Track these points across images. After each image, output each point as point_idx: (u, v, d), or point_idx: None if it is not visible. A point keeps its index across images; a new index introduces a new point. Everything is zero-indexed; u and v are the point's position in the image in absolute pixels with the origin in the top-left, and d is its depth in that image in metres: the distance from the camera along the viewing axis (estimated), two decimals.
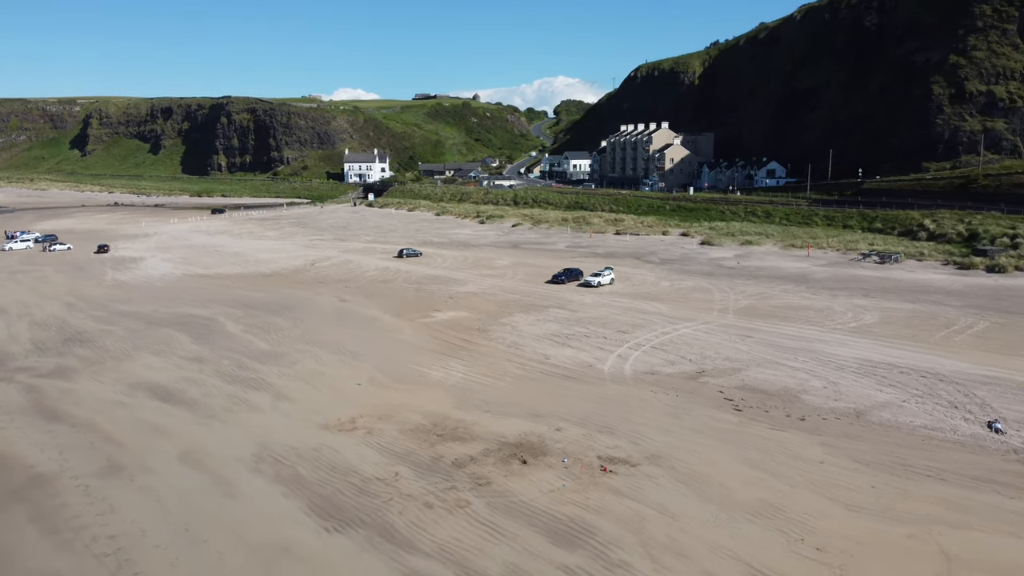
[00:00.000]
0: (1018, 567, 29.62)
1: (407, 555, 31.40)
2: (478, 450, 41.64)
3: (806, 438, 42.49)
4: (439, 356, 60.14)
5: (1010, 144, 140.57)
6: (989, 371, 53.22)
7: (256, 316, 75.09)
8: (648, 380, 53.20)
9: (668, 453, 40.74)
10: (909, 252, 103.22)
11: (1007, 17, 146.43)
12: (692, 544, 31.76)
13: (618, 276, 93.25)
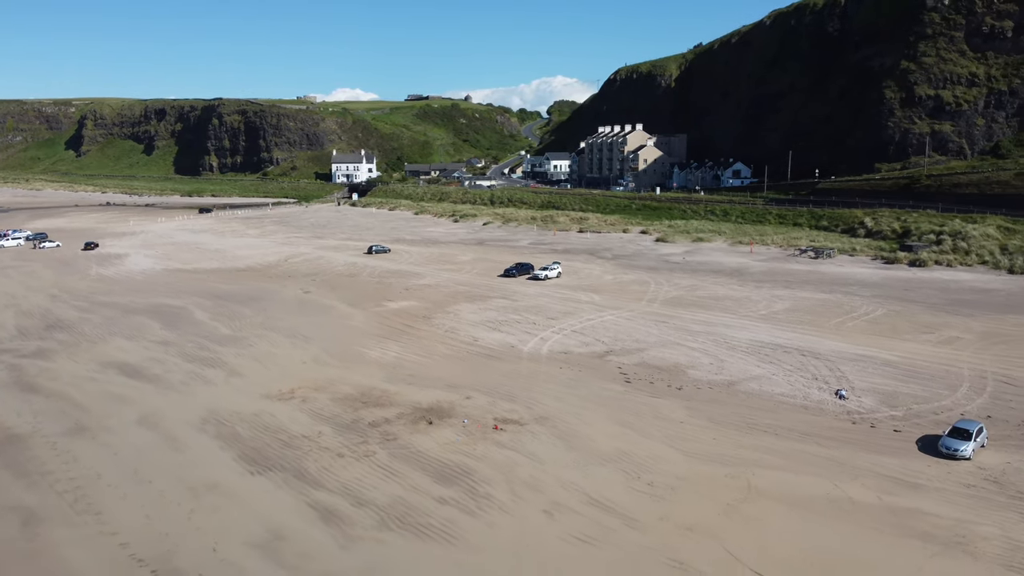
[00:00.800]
0: (806, 497, 36.44)
1: (313, 490, 38.23)
2: (394, 414, 48.48)
3: (676, 403, 49.36)
4: (380, 339, 66.98)
5: (956, 146, 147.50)
6: (862, 351, 60.13)
7: (224, 306, 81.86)
8: (559, 359, 60.07)
9: (554, 415, 47.58)
10: (843, 248, 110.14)
11: (955, 25, 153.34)
12: (549, 481, 38.62)
13: (567, 270, 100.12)
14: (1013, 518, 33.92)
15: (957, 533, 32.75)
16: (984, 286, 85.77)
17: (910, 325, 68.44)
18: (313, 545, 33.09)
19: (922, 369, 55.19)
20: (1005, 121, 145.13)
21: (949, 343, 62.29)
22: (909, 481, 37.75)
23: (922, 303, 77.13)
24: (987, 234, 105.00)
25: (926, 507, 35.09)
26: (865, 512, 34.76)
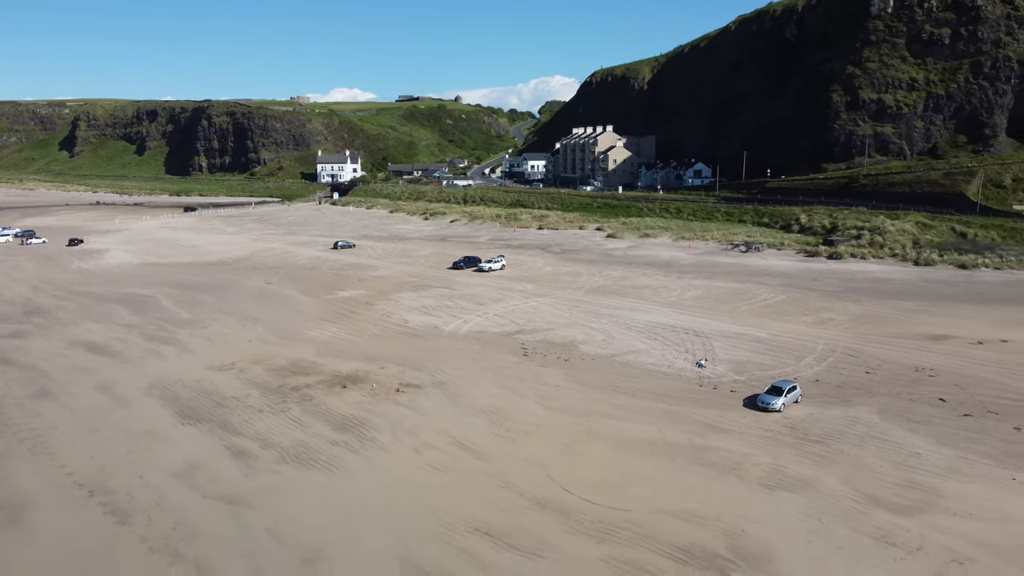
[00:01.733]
0: (631, 439, 44.47)
1: (231, 436, 46.26)
2: (315, 380, 56.51)
3: (558, 372, 57.43)
4: (322, 322, 74.99)
5: (896, 147, 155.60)
6: (741, 330, 68.25)
7: (189, 295, 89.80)
8: (473, 337, 68.13)
9: (451, 381, 55.63)
10: (773, 243, 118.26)
11: (897, 32, 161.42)
12: (426, 429, 46.68)
13: (514, 263, 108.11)
14: (788, 452, 42.02)
15: (736, 463, 40.85)
16: (884, 276, 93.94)
17: (797, 309, 76.58)
18: (221, 474, 41.13)
19: (784, 344, 63.34)
20: (943, 123, 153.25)
21: (822, 323, 70.41)
22: (720, 427, 45.83)
23: (820, 291, 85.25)
24: (904, 229, 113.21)
25: (723, 445, 43.18)
26: (673, 449, 42.84)
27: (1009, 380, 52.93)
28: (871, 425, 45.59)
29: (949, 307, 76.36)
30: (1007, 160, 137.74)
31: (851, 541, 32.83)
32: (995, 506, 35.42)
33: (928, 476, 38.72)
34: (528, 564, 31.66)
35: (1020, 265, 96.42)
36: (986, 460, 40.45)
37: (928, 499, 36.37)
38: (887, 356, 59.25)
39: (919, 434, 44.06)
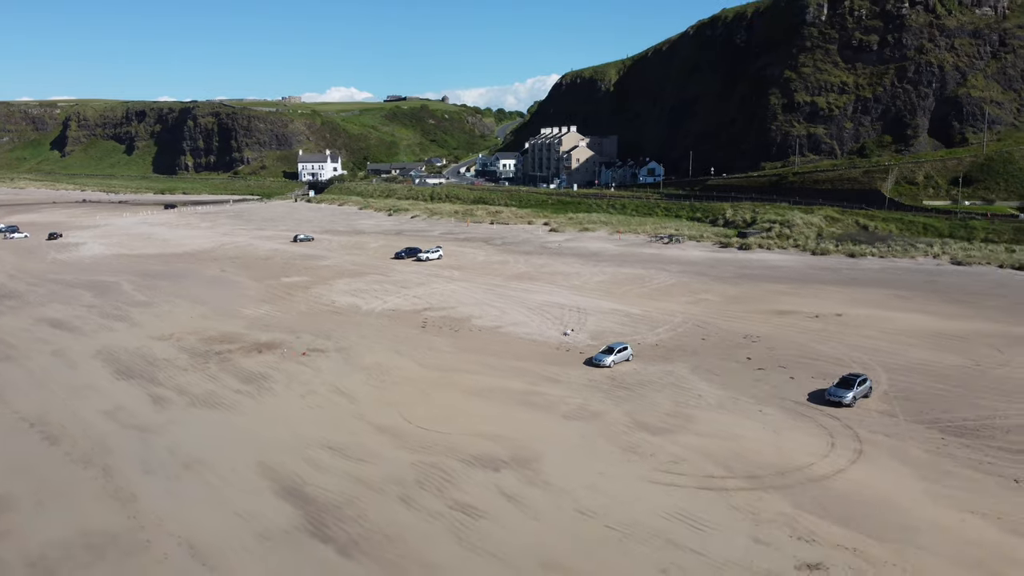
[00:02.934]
0: (480, 388, 54.53)
1: (154, 387, 56.35)
2: (237, 347, 66.62)
3: (445, 340, 67.59)
4: (260, 302, 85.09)
5: (828, 147, 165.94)
6: (620, 307, 78.47)
7: (149, 281, 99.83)
8: (386, 314, 78.28)
9: (351, 347, 65.77)
10: (695, 235, 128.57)
11: (829, 39, 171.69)
12: (316, 382, 56.79)
13: (453, 254, 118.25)
14: (597, 395, 52.20)
15: (552, 403, 51.02)
16: (777, 264, 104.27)
17: (681, 291, 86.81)
18: (139, 412, 51.22)
19: (648, 318, 73.56)
20: (870, 124, 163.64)
21: (695, 303, 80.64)
22: (555, 379, 55.99)
23: (711, 276, 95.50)
24: (811, 223, 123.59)
25: (549, 391, 53.33)
26: (508, 394, 52.99)
27: (815, 344, 63.21)
28: (678, 377, 55.81)
29: (815, 288, 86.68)
30: (920, 159, 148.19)
31: (604, 450, 43.04)
32: (731, 430, 45.59)
33: (695, 410, 48.93)
34: (354, 466, 41.80)
35: (902, 253, 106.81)
36: (749, 399, 50.67)
37: (683, 424, 46.57)
38: (728, 327, 69.52)
39: (710, 382, 54.29)
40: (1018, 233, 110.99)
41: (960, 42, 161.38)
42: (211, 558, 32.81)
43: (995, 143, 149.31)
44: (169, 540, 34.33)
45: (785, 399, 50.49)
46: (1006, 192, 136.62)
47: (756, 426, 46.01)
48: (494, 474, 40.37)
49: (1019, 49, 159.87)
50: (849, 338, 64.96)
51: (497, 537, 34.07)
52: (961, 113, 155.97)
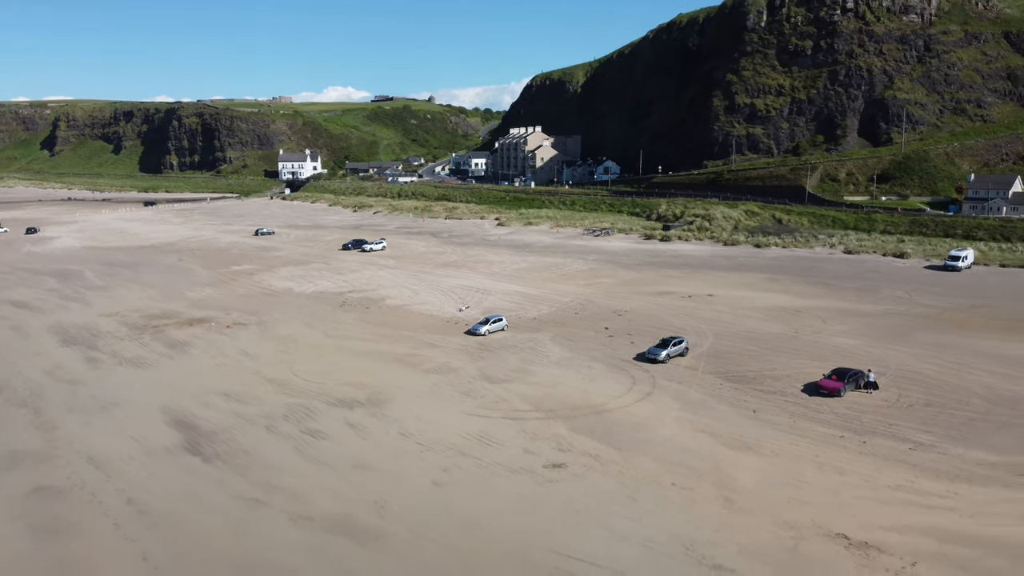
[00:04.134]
0: (368, 351, 64.25)
1: (92, 352, 66.03)
2: (173, 322, 76.29)
3: (355, 316, 77.34)
4: (205, 287, 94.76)
5: (766, 146, 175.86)
6: (521, 289, 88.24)
7: (110, 269, 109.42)
8: (313, 296, 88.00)
9: (271, 322, 75.46)
10: (626, 228, 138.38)
11: (768, 44, 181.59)
12: (230, 348, 66.48)
13: (397, 245, 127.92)
14: (462, 357, 61.93)
15: (421, 361, 60.75)
16: (686, 253, 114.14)
17: (584, 276, 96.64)
18: (74, 370, 60.89)
19: (541, 298, 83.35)
20: (804, 125, 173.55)
21: (591, 285, 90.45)
22: (434, 345, 65.73)
23: (619, 264, 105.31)
24: (730, 216, 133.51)
25: (424, 353, 63.08)
26: (389, 355, 62.72)
27: (670, 317, 73.05)
28: (537, 343, 65.62)
29: (705, 274, 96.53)
30: (844, 158, 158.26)
31: (445, 394, 52.82)
32: (556, 380, 55.38)
33: (535, 366, 58.75)
34: (238, 406, 51.53)
35: (803, 244, 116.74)
36: (585, 358, 60.49)
37: (519, 376, 56.39)
38: (607, 304, 79.35)
39: (561, 346, 64.11)
40: (913, 225, 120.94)
41: (888, 47, 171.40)
42: (103, 465, 42.53)
43: (917, 142, 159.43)
44: (75, 454, 44.06)
45: (615, 358, 60.32)
46: (920, 188, 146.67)
47: (578, 377, 55.84)
48: (347, 411, 50.14)
49: (943, 54, 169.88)
50: (702, 312, 74.86)
51: (329, 451, 43.87)
52: (887, 114, 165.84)
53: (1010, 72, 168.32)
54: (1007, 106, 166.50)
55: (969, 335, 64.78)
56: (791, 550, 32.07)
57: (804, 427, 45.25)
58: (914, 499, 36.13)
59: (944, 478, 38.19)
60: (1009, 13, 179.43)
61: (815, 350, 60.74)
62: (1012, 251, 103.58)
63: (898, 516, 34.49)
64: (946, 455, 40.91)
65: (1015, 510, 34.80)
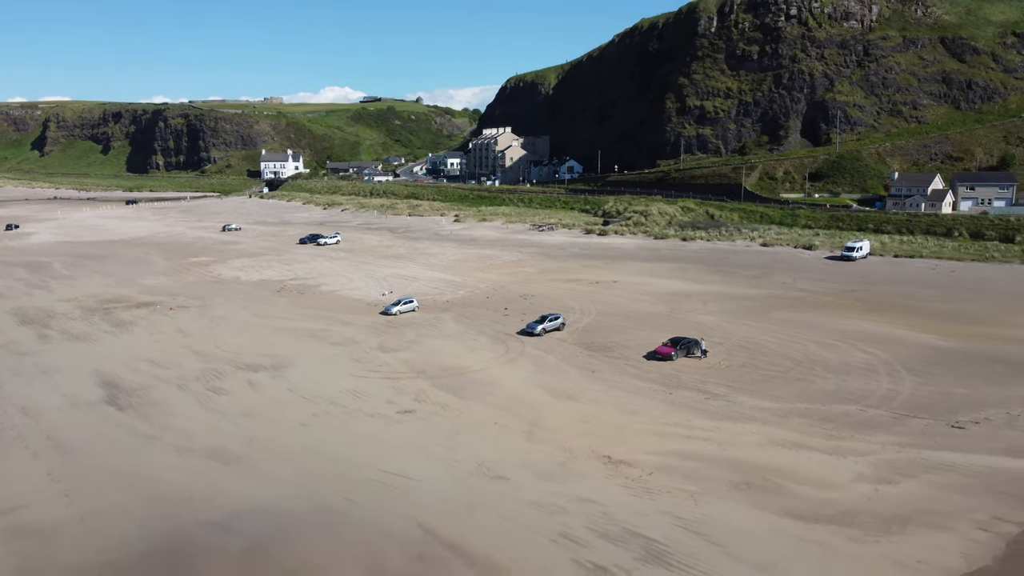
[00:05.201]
0: (284, 328, 72.56)
1: (46, 330, 74.31)
2: (123, 305, 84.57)
3: (288, 299, 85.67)
4: (159, 275, 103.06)
5: (714, 146, 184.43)
6: (448, 277, 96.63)
7: (78, 261, 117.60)
8: (257, 283, 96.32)
9: (211, 305, 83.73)
10: (570, 224, 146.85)
11: (717, 48, 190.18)
12: (169, 326, 74.76)
13: (352, 239, 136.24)
14: (368, 332, 70.27)
15: (330, 335, 69.09)
16: (615, 246, 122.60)
17: (512, 266, 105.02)
18: (26, 344, 69.14)
19: (462, 284, 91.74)
20: (751, 126, 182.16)
21: (513, 273, 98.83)
22: (347, 323, 74.07)
23: (549, 256, 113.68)
24: (666, 212, 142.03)
25: (336, 329, 71.42)
26: (304, 331, 71.04)
27: (568, 299, 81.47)
28: (440, 320, 73.98)
29: (624, 264, 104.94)
30: (782, 157, 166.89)
31: (340, 361, 61.16)
32: (440, 350, 63.74)
33: (427, 339, 67.13)
34: (160, 370, 59.82)
35: (727, 238, 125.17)
36: (474, 333, 68.87)
37: (410, 347, 64.75)
38: (518, 289, 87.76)
39: (459, 323, 72.51)
40: (832, 220, 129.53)
41: (829, 52, 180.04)
42: (33, 414, 50.83)
43: (854, 142, 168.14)
44: (11, 406, 52.32)
45: (501, 332, 68.75)
46: (851, 186, 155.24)
47: (460, 347, 64.29)
48: (252, 374, 58.51)
49: (881, 58, 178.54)
50: (600, 296, 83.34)
51: (225, 403, 52.24)
52: (827, 116, 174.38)
53: (945, 76, 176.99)
54: (941, 108, 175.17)
55: (822, 314, 73.30)
56: (560, 464, 40.52)
57: (626, 383, 53.72)
58: (682, 433, 44.58)
59: (716, 418, 46.67)
60: (946, 19, 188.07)
61: (678, 326, 69.12)
62: (911, 243, 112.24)
63: (661, 444, 42.96)
64: (731, 403, 49.39)
65: (754, 440, 43.26)
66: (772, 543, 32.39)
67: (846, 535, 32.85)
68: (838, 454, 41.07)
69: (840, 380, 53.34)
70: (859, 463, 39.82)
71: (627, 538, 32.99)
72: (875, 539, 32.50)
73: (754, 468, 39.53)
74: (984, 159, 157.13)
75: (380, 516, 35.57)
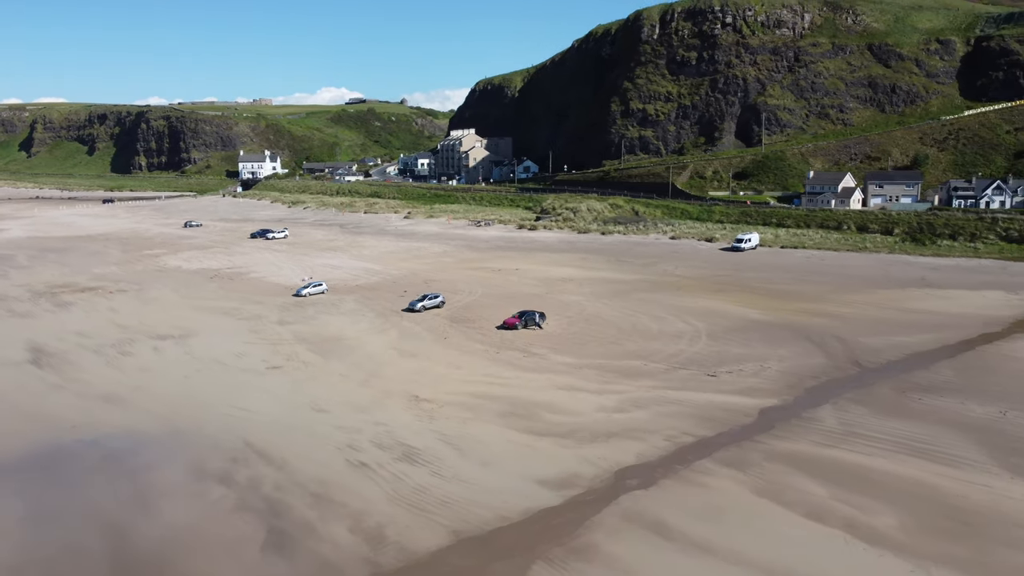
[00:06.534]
0: (206, 307, 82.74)
1: (5, 312, 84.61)
2: (69, 289, 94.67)
3: (217, 285, 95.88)
4: (111, 265, 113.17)
5: (655, 147, 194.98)
6: (370, 266, 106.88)
7: (41, 253, 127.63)
8: (196, 272, 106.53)
9: (147, 290, 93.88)
10: (504, 220, 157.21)
11: (659, 55, 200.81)
12: (103, 306, 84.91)
13: (301, 234, 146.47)
14: (275, 311, 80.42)
15: (240, 312, 79.30)
16: (538, 239, 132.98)
17: (434, 256, 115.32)
18: None
19: (380, 272, 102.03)
20: (689, 128, 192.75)
21: (432, 263, 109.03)
22: (259, 303, 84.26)
23: (472, 248, 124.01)
24: (594, 208, 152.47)
25: (247, 308, 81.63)
26: (218, 310, 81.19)
27: (463, 284, 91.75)
28: (341, 301, 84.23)
29: (536, 254, 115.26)
30: (712, 157, 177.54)
31: (239, 333, 71.34)
32: (329, 323, 73.96)
33: (323, 316, 77.33)
34: (84, 339, 69.87)
35: (643, 232, 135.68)
36: (367, 311, 79.11)
37: (305, 322, 74.94)
38: (425, 276, 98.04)
39: (357, 303, 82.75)
40: (742, 215, 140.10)
41: (761, 58, 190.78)
42: None
43: (783, 143, 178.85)
44: None
45: (388, 310, 79.05)
46: (774, 184, 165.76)
47: (346, 321, 74.62)
48: (160, 341, 68.74)
49: (810, 64, 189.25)
50: (495, 280, 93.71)
51: (129, 363, 62.48)
52: (759, 118, 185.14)
53: (871, 80, 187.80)
54: (867, 111, 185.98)
55: (676, 294, 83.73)
56: (375, 402, 50.89)
57: (467, 346, 64.12)
58: (487, 381, 54.97)
59: (521, 370, 57.07)
60: (875, 27, 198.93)
61: (544, 303, 79.33)
62: (802, 236, 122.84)
63: (464, 388, 53.32)
64: (542, 360, 59.80)
65: (541, 384, 53.65)
66: (500, 449, 42.78)
67: (559, 444, 43.26)
68: (599, 394, 51.49)
69: (646, 343, 63.81)
70: (609, 399, 50.24)
71: (394, 447, 43.37)
72: (579, 446, 42.91)
73: (525, 404, 49.91)
74: (900, 159, 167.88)
75: (217, 435, 45.88)
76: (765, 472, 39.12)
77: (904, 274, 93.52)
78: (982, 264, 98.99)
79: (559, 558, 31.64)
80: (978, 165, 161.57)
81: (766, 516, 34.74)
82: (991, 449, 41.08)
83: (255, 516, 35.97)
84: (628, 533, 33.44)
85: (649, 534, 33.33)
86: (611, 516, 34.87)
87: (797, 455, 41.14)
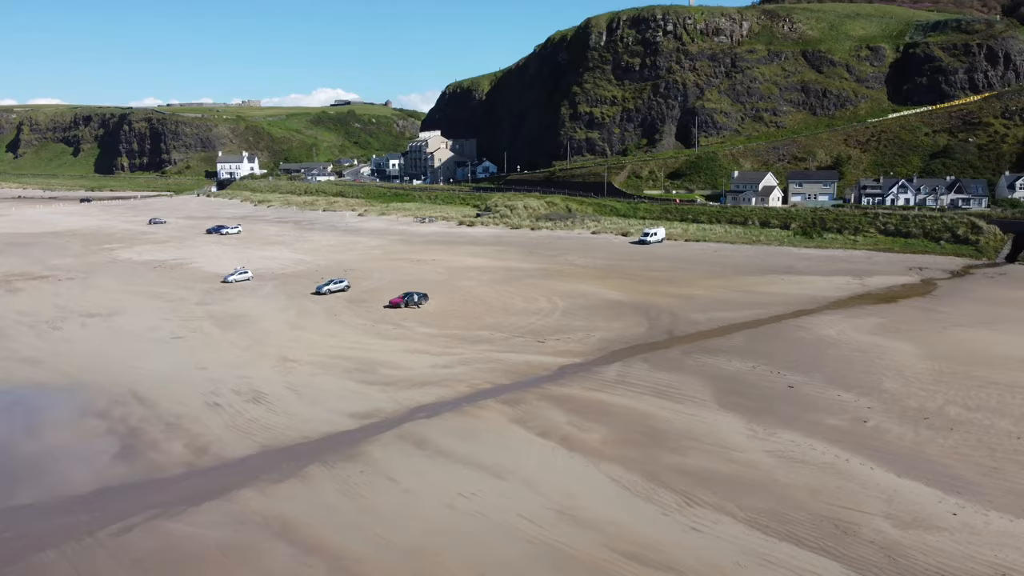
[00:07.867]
0: (141, 292, 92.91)
1: None
2: (24, 278, 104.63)
3: (157, 274, 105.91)
4: (68, 257, 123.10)
5: (601, 148, 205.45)
6: (304, 257, 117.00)
7: (7, 248, 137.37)
8: (143, 263, 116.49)
9: (93, 278, 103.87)
10: (447, 217, 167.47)
11: (605, 60, 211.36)
12: (49, 291, 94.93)
13: (255, 230, 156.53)
14: (200, 294, 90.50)
15: (166, 296, 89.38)
16: (470, 234, 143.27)
17: (366, 249, 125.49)
18: None
19: (309, 262, 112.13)
20: (632, 130, 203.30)
21: (361, 255, 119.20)
22: (188, 288, 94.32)
23: (406, 242, 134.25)
24: (530, 206, 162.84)
25: (175, 292, 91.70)
26: (150, 294, 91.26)
27: (377, 272, 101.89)
28: (261, 287, 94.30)
29: (460, 247, 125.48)
30: (650, 158, 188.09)
31: (160, 312, 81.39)
32: (244, 305, 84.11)
33: (241, 299, 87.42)
34: (23, 317, 79.86)
35: (570, 227, 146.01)
36: (281, 295, 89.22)
37: (221, 303, 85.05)
38: (351, 266, 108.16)
39: (275, 289, 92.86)
40: (664, 212, 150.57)
41: (700, 64, 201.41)
42: None
43: (718, 145, 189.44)
44: None
45: (298, 294, 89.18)
46: (704, 183, 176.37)
47: (257, 302, 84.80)
48: (88, 319, 78.81)
49: (746, 70, 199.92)
50: (406, 269, 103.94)
51: (56, 335, 72.52)
52: (697, 121, 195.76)
53: (804, 85, 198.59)
54: (800, 114, 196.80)
55: (560, 280, 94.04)
56: (248, 361, 61.10)
57: (350, 320, 74.35)
58: (352, 346, 65.18)
59: (384, 339, 67.31)
60: (810, 34, 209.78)
61: (440, 288, 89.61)
62: (709, 231, 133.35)
63: (329, 351, 63.52)
64: (407, 331, 70.06)
65: (394, 349, 63.90)
66: (333, 394, 53.04)
67: (381, 390, 53.54)
68: (438, 355, 61.78)
69: (505, 318, 74.13)
70: (442, 359, 60.54)
71: (247, 391, 53.63)
72: (397, 391, 53.17)
73: (372, 362, 60.18)
74: (824, 159, 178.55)
75: (109, 386, 56.03)
76: (530, 408, 49.42)
77: (776, 263, 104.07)
78: (852, 254, 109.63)
79: (332, 461, 41.91)
80: (896, 165, 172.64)
81: (507, 434, 45.07)
82: (717, 392, 51.48)
83: (116, 438, 46.20)
84: (395, 446, 43.74)
85: (410, 446, 43.62)
86: (388, 435, 45.16)
87: (563, 396, 51.48)
